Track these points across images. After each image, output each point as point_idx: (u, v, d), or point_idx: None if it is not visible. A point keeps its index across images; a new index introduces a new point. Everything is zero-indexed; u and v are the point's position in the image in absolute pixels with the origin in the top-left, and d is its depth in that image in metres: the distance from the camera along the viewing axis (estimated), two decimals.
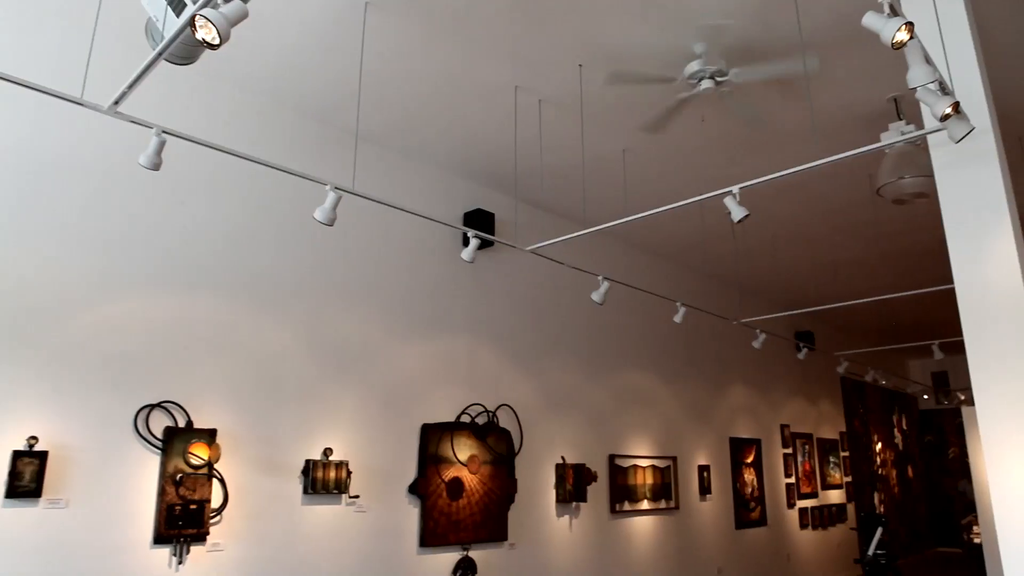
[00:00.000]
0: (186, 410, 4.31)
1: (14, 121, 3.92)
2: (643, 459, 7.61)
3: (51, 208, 4.01)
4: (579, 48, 4.54)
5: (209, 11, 2.16)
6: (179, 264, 4.47)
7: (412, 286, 5.75)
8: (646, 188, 6.50)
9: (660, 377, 8.21)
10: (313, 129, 5.29)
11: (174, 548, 4.14)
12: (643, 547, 7.36)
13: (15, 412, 3.72)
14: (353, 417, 5.13)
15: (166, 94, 4.47)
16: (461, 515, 5.59)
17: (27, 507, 3.69)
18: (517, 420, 6.30)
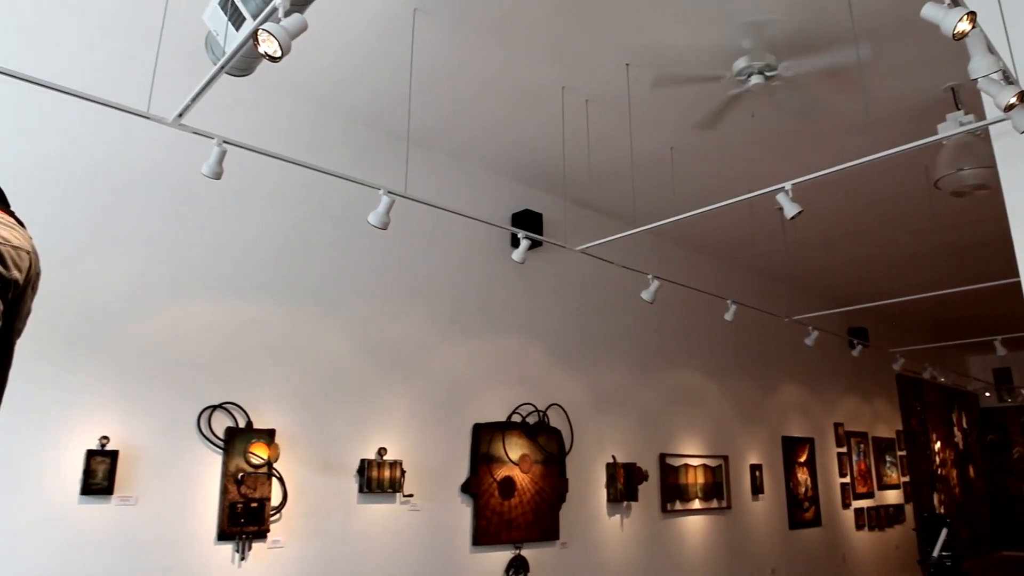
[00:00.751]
0: (246, 411, 4.43)
1: (86, 137, 4.09)
2: (694, 458, 7.55)
3: (119, 218, 4.17)
4: (626, 47, 4.53)
5: (271, 25, 2.23)
6: (238, 270, 4.60)
7: (462, 287, 5.81)
8: (694, 185, 6.45)
9: (710, 375, 8.13)
10: (363, 134, 5.39)
11: (236, 544, 4.26)
12: (695, 547, 7.30)
13: (89, 413, 3.88)
14: (406, 417, 5.21)
15: (223, 105, 4.61)
16: (513, 514, 5.63)
17: (100, 503, 3.85)
18: (567, 419, 6.32)
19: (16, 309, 1.84)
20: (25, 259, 1.82)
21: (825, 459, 9.80)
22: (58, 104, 3.92)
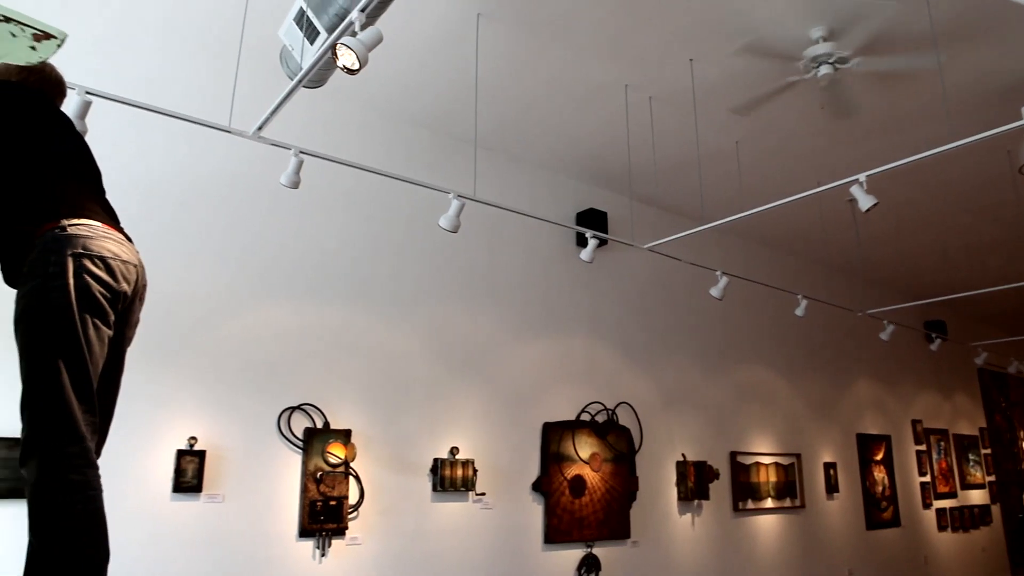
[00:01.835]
0: (323, 412, 4.57)
1: (170, 150, 4.30)
2: (765, 456, 7.42)
3: (205, 228, 4.37)
4: (690, 42, 4.50)
5: (348, 39, 2.31)
6: (314, 275, 4.75)
7: (528, 287, 5.86)
8: (761, 179, 6.34)
9: (781, 372, 7.97)
10: (430, 139, 5.49)
11: (317, 541, 4.40)
12: (768, 546, 7.17)
13: (178, 414, 4.07)
14: (477, 416, 5.29)
15: (297, 116, 4.76)
16: (584, 512, 5.65)
17: (190, 501, 4.03)
18: (636, 417, 6.29)
19: (126, 319, 1.97)
20: (133, 272, 1.95)
21: (903, 457, 9.48)
22: (145, 123, 4.11)
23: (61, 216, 1.81)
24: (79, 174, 2.02)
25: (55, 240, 1.76)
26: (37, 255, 1.76)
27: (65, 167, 1.98)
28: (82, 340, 1.72)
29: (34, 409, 1.67)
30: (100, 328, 1.78)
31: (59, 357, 1.68)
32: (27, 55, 0.55)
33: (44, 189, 1.88)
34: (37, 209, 1.83)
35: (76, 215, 1.83)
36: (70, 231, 1.79)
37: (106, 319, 1.81)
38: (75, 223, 1.81)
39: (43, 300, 1.71)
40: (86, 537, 1.63)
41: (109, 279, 1.82)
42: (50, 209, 1.83)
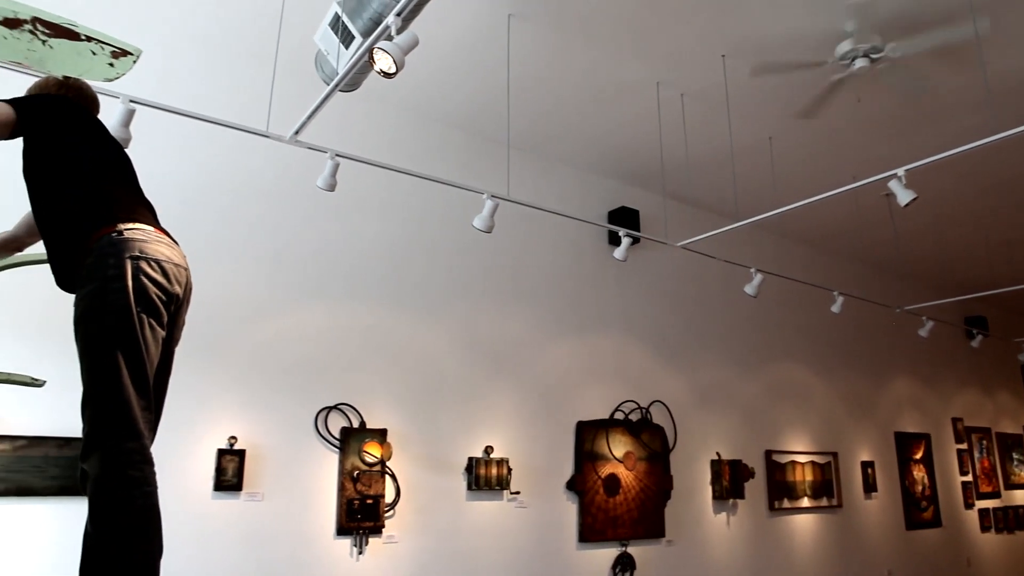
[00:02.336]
0: (359, 411, 4.63)
1: (209, 155, 4.38)
2: (801, 455, 7.33)
3: (242, 231, 4.44)
4: (721, 38, 4.46)
5: (385, 43, 2.34)
6: (350, 276, 4.81)
7: (560, 286, 5.86)
8: (795, 175, 6.26)
9: (816, 370, 7.87)
10: (462, 140, 5.52)
11: (354, 539, 4.45)
12: (805, 546, 7.08)
13: (218, 414, 4.15)
14: (511, 416, 5.30)
15: (331, 119, 4.82)
16: (618, 511, 5.64)
17: (231, 499, 4.10)
18: (670, 416, 6.26)
19: (175, 320, 2.03)
20: (183, 275, 2.00)
21: (943, 456, 9.29)
22: (185, 129, 4.19)
23: (117, 221, 1.87)
24: (126, 180, 2.08)
25: (112, 244, 1.82)
26: (95, 259, 1.81)
27: (114, 173, 2.04)
28: (140, 340, 1.78)
29: (95, 406, 1.73)
30: (155, 328, 1.84)
31: (119, 356, 1.74)
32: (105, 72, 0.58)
33: (98, 195, 1.94)
34: (93, 215, 1.89)
35: (130, 220, 1.89)
36: (126, 235, 1.85)
37: (160, 320, 1.87)
38: (130, 227, 1.87)
39: (103, 301, 1.77)
40: (142, 531, 1.69)
41: (164, 281, 1.87)
42: (105, 214, 1.88)
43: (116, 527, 1.65)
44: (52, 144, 1.98)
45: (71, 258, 1.91)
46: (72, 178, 1.96)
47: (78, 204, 1.93)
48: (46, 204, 1.98)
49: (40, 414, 3.68)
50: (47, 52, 0.47)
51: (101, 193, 1.95)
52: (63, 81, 2.09)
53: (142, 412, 1.76)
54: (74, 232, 1.90)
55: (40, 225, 2.00)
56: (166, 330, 1.93)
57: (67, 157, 1.98)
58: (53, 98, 2.07)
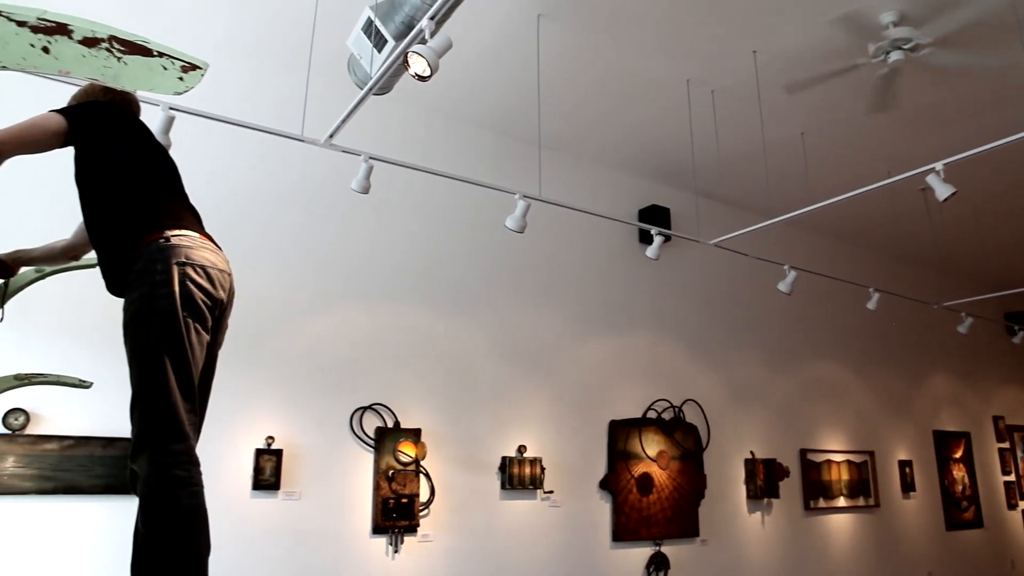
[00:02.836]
0: (393, 411, 4.67)
1: (245, 160, 4.45)
2: (837, 453, 7.23)
3: (277, 233, 4.51)
4: (752, 34, 4.43)
5: (419, 47, 2.36)
6: (384, 277, 4.86)
7: (592, 285, 5.86)
8: (828, 170, 6.19)
9: (852, 367, 7.75)
10: (492, 141, 5.54)
11: (390, 538, 4.49)
12: (841, 546, 6.99)
13: (256, 415, 4.22)
14: (544, 415, 5.32)
15: (363, 122, 4.87)
16: (652, 510, 5.62)
17: (269, 498, 4.17)
18: (703, 415, 6.22)
19: (218, 324, 2.07)
20: (227, 280, 2.05)
21: (984, 455, 9.09)
22: (222, 135, 4.27)
23: (164, 227, 1.92)
24: (172, 185, 2.13)
25: (160, 250, 1.87)
26: (144, 264, 1.86)
27: (161, 179, 2.09)
28: (186, 344, 1.82)
29: (144, 409, 1.77)
30: (200, 333, 1.88)
31: (167, 360, 1.78)
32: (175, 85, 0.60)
33: (146, 202, 1.99)
34: (141, 221, 1.94)
35: (177, 226, 1.94)
36: (173, 241, 1.89)
37: (206, 324, 1.91)
38: (177, 234, 1.91)
39: (151, 306, 1.81)
40: (190, 530, 1.73)
41: (209, 287, 1.92)
42: (153, 221, 1.93)
43: (164, 526, 1.70)
44: (101, 151, 2.03)
45: (120, 264, 1.96)
46: (121, 185, 2.01)
47: (126, 211, 1.98)
48: (96, 210, 2.04)
49: (86, 415, 3.78)
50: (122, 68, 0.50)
51: (149, 200, 2.00)
52: (108, 87, 2.15)
53: (188, 414, 1.81)
54: (123, 238, 1.95)
55: (90, 231, 2.05)
56: (210, 334, 1.97)
57: (116, 164, 2.03)
58: (101, 105, 2.12)
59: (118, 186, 2.01)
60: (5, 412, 3.57)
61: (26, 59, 0.49)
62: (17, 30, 0.51)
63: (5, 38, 0.51)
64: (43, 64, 0.50)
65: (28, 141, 1.85)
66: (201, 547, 1.76)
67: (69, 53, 0.49)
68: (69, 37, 0.52)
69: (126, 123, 2.14)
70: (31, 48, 0.50)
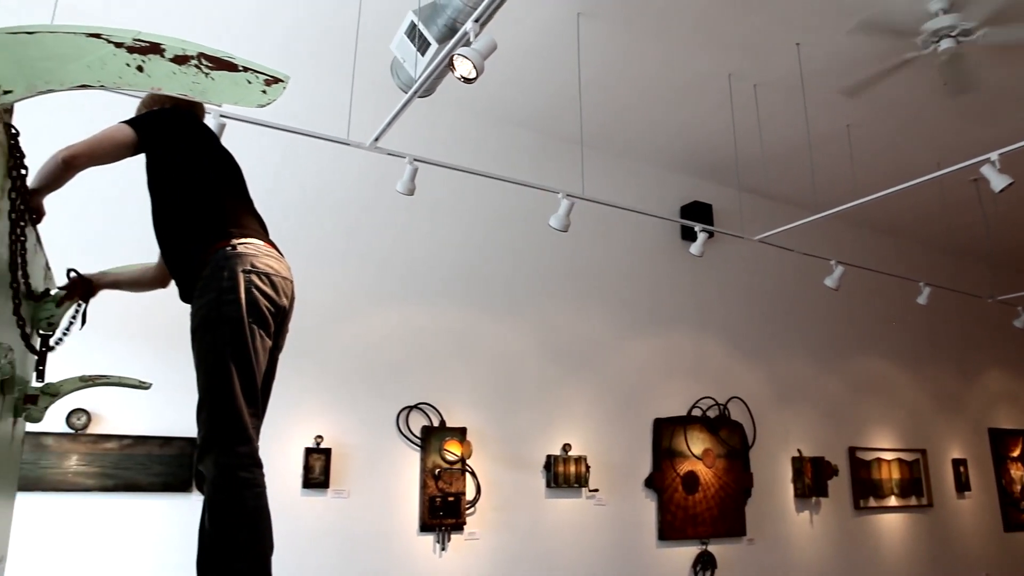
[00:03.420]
0: (439, 410, 4.72)
1: (294, 164, 4.54)
2: (887, 452, 7.08)
3: (325, 236, 4.59)
4: (795, 25, 4.36)
5: (464, 49, 2.39)
6: (427, 278, 4.91)
7: (634, 283, 5.83)
8: (875, 163, 6.06)
9: (902, 364, 7.58)
10: (533, 140, 5.55)
11: (437, 536, 4.54)
12: (893, 547, 6.84)
13: (305, 415, 4.30)
14: (588, 413, 5.31)
15: (406, 125, 4.92)
16: (698, 509, 5.58)
17: (318, 496, 4.25)
18: (749, 412, 6.15)
19: (280, 329, 2.12)
20: (290, 288, 2.10)
21: None
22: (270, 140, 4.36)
23: (231, 236, 1.97)
24: (238, 192, 2.19)
25: (226, 258, 1.92)
26: (211, 271, 1.92)
27: (227, 187, 2.15)
28: (251, 350, 1.87)
29: (210, 412, 1.83)
30: (264, 339, 1.94)
31: (232, 365, 1.84)
32: (259, 99, 0.63)
33: (213, 210, 2.05)
34: (208, 229, 2.00)
35: (243, 234, 1.99)
36: (239, 249, 1.94)
37: (269, 331, 1.96)
38: (243, 242, 1.97)
39: (218, 312, 1.87)
40: (254, 529, 1.78)
41: (273, 294, 1.97)
42: (220, 229, 1.99)
43: (230, 526, 1.75)
44: (169, 159, 2.09)
45: (188, 271, 2.02)
46: (188, 192, 2.07)
47: (194, 218, 2.04)
48: (165, 218, 2.10)
49: (143, 415, 3.90)
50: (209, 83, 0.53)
51: (215, 207, 2.05)
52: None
53: (251, 418, 1.86)
54: (191, 246, 2.01)
55: (159, 238, 2.12)
56: (272, 339, 2.02)
57: (183, 172, 2.09)
58: (168, 112, 2.19)
59: (185, 194, 2.07)
60: (68, 412, 3.70)
61: (122, 77, 0.52)
62: (115, 51, 0.55)
63: (104, 59, 0.54)
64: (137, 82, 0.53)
65: (99, 153, 1.94)
66: (265, 547, 1.81)
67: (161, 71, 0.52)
68: (161, 56, 0.55)
69: (192, 129, 2.20)
70: (127, 67, 0.53)
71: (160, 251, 2.16)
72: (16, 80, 0.60)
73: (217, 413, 1.82)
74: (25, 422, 2.25)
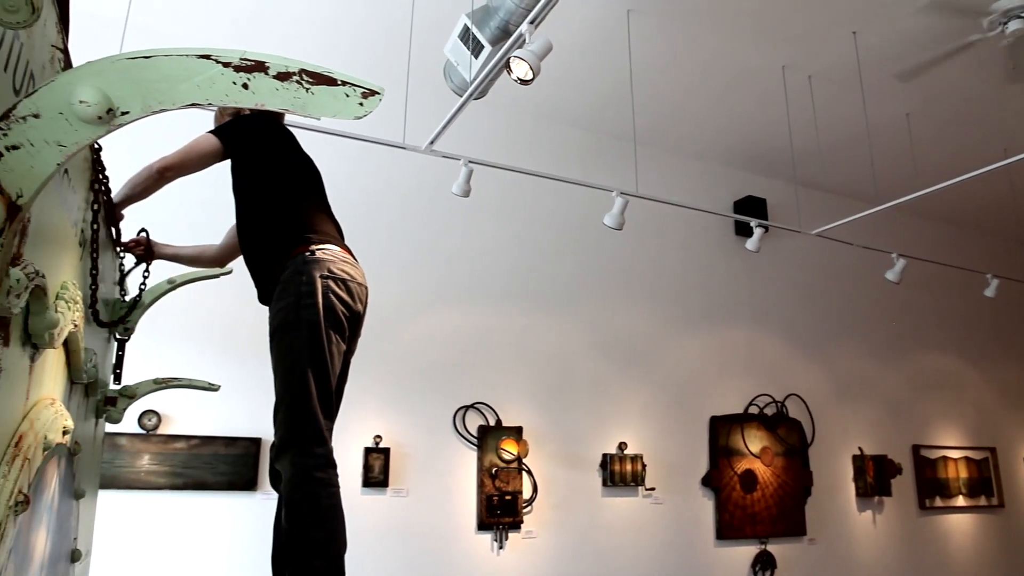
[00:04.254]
0: (495, 410, 4.75)
1: (350, 168, 4.62)
2: (953, 450, 6.86)
3: (383, 239, 4.66)
4: (851, 14, 4.26)
5: (521, 51, 2.40)
6: (483, 278, 4.95)
7: (687, 279, 5.78)
8: (938, 152, 5.87)
9: (968, 359, 7.33)
10: (583, 138, 5.54)
11: (495, 534, 4.57)
12: (962, 548, 6.62)
13: (364, 415, 4.38)
14: (643, 412, 5.28)
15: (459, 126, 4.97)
16: (756, 508, 5.49)
17: (378, 495, 4.32)
18: (807, 410, 6.03)
19: (354, 335, 2.17)
20: (365, 294, 2.15)
21: None
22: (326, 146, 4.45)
23: (311, 242, 2.03)
24: (318, 198, 2.25)
25: (305, 263, 1.98)
26: (290, 275, 1.97)
27: (308, 193, 2.21)
28: (327, 353, 1.92)
29: (287, 413, 1.88)
30: (339, 343, 1.99)
31: (309, 367, 1.89)
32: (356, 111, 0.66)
33: (295, 216, 2.10)
34: (289, 234, 2.06)
35: (322, 240, 2.05)
36: (318, 255, 2.00)
37: (344, 335, 2.01)
38: (322, 248, 2.02)
39: (296, 315, 1.92)
40: (329, 528, 1.83)
41: (349, 300, 2.02)
42: (300, 235, 2.05)
43: (306, 524, 1.80)
44: (253, 165, 2.16)
45: (268, 274, 2.08)
46: (270, 198, 2.13)
47: (275, 223, 2.10)
48: (248, 222, 2.17)
49: (209, 416, 4.02)
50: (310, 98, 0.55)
51: (296, 213, 2.11)
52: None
53: (325, 421, 1.91)
54: (272, 250, 2.06)
55: (241, 241, 2.19)
56: (346, 344, 2.07)
57: (266, 177, 2.15)
58: (252, 119, 2.25)
59: (269, 199, 2.13)
60: (140, 414, 3.84)
61: (228, 95, 0.56)
62: (222, 71, 0.58)
63: (212, 79, 0.58)
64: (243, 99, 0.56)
65: (188, 165, 2.04)
66: (340, 545, 1.86)
67: (265, 88, 0.55)
68: (265, 73, 0.58)
69: (276, 135, 2.26)
70: (233, 85, 0.56)
71: (242, 252, 2.23)
72: (133, 101, 0.64)
73: (294, 414, 1.87)
74: (105, 423, 2.35)
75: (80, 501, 1.88)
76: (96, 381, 1.89)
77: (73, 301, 1.34)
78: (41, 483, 1.32)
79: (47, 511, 1.42)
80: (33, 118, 0.63)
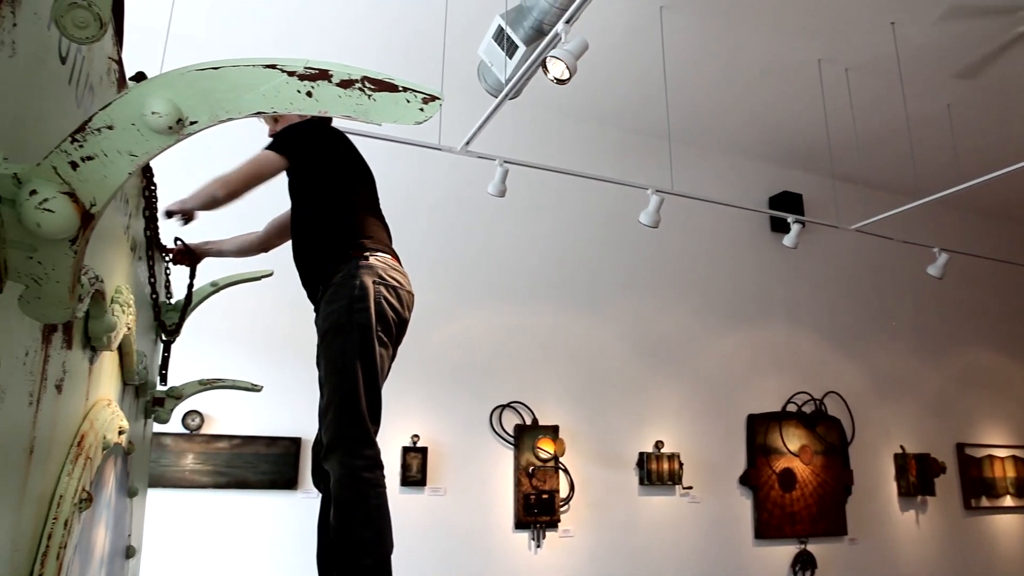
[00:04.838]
0: (531, 409, 4.75)
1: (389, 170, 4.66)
2: (1000, 448, 6.70)
3: (417, 240, 4.68)
4: (889, 5, 4.19)
5: (557, 51, 2.41)
6: (516, 278, 4.96)
7: (722, 276, 5.73)
8: (980, 143, 5.74)
9: (1014, 355, 7.15)
10: (618, 136, 5.53)
11: (532, 533, 4.58)
12: (1010, 549, 6.47)
13: (402, 414, 4.41)
14: (680, 410, 5.25)
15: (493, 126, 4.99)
16: (795, 507, 5.43)
17: (416, 494, 4.35)
18: (847, 408, 5.94)
19: (399, 340, 2.20)
20: (412, 302, 2.18)
21: None
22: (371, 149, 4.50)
23: (364, 248, 2.06)
24: (372, 205, 2.28)
25: (359, 267, 2.01)
26: (343, 279, 2.01)
27: (364, 200, 2.24)
28: (376, 357, 1.95)
29: (336, 414, 1.92)
30: (388, 347, 2.02)
31: (360, 370, 1.92)
32: (416, 116, 0.67)
33: (350, 221, 2.13)
34: (344, 239, 2.09)
35: (375, 247, 2.08)
36: (371, 260, 2.03)
37: (391, 340, 2.04)
38: (375, 254, 2.05)
39: (349, 318, 1.96)
40: (377, 527, 1.86)
41: (398, 306, 2.05)
42: (354, 240, 2.08)
43: (354, 523, 1.83)
44: (310, 170, 2.19)
45: (319, 276, 2.11)
46: (326, 202, 2.17)
47: (330, 227, 2.13)
48: (303, 224, 2.20)
49: (250, 417, 4.09)
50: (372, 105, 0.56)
51: (353, 219, 2.14)
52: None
53: (371, 424, 1.93)
54: (325, 253, 2.10)
55: (295, 242, 2.22)
56: (393, 349, 2.10)
57: (322, 182, 2.18)
58: (309, 125, 2.28)
59: (326, 204, 2.16)
60: (184, 414, 3.92)
61: (292, 103, 0.57)
62: (287, 79, 0.60)
63: (277, 87, 0.59)
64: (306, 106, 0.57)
65: (252, 180, 2.05)
66: (387, 545, 1.89)
67: (328, 95, 0.56)
68: (328, 81, 0.60)
69: (333, 140, 2.28)
70: (297, 94, 0.58)
71: (294, 250, 2.25)
72: (201, 111, 0.66)
73: (343, 415, 1.90)
74: (153, 423, 2.41)
75: (133, 499, 1.93)
76: (146, 383, 1.94)
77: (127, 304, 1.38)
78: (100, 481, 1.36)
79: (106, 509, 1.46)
80: (107, 129, 0.66)
